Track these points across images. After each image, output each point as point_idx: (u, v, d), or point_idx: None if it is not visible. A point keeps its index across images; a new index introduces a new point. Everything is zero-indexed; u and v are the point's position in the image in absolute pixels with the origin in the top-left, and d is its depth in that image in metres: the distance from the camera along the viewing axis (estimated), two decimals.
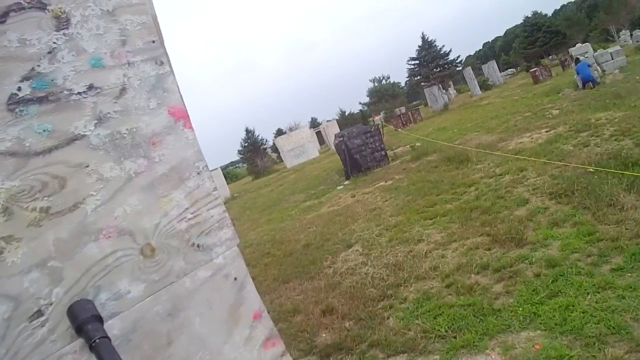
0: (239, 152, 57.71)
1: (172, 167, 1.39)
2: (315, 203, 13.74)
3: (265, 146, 57.22)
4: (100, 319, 1.13)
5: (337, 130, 41.16)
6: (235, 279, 1.50)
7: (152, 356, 1.27)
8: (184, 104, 1.48)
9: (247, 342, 1.49)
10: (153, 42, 1.43)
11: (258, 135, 56.65)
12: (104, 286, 1.21)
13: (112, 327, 1.20)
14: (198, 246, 1.41)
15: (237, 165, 77.28)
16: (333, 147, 23.83)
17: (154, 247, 1.31)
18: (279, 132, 62.19)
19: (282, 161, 44.37)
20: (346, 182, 15.47)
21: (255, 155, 49.17)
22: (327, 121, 54.13)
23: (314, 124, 70.08)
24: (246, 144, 55.04)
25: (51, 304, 1.12)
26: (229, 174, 57.04)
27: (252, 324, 1.51)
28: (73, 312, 1.12)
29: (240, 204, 22.37)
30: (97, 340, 1.06)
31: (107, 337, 1.08)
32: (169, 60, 1.48)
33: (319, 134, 53.39)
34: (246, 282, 1.53)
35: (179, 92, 1.47)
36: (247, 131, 55.70)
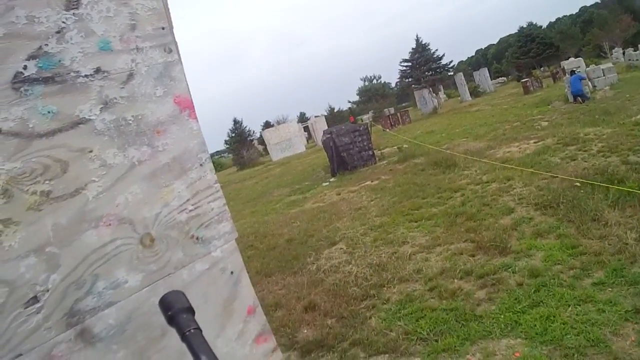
0: (226, 142, 57.40)
1: (175, 157, 1.37)
2: (300, 198, 13.71)
3: (252, 138, 56.94)
4: (192, 311, 1.14)
5: (325, 126, 41.13)
6: (232, 273, 1.48)
7: (145, 347, 1.25)
8: (190, 94, 1.45)
9: (240, 337, 1.48)
10: (163, 28, 1.40)
11: (246, 127, 56.33)
12: (102, 275, 1.18)
13: (108, 317, 1.18)
14: (197, 238, 1.39)
15: (222, 155, 76.77)
16: (320, 143, 23.78)
17: (154, 237, 1.29)
18: (267, 125, 61.99)
19: (268, 154, 44.24)
20: (332, 179, 15.46)
21: (242, 146, 48.87)
22: (316, 117, 54.08)
23: (302, 118, 70.00)
24: (233, 135, 54.74)
25: (47, 291, 1.10)
26: (214, 163, 56.26)
27: (245, 318, 1.49)
28: (166, 302, 1.14)
29: (224, 195, 22.09)
30: (191, 331, 1.06)
31: (199, 328, 1.08)
32: (177, 49, 1.45)
33: (306, 129, 53.34)
34: (242, 276, 1.52)
35: (186, 82, 1.45)
36: (235, 122, 55.39)
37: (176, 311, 1.12)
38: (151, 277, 1.28)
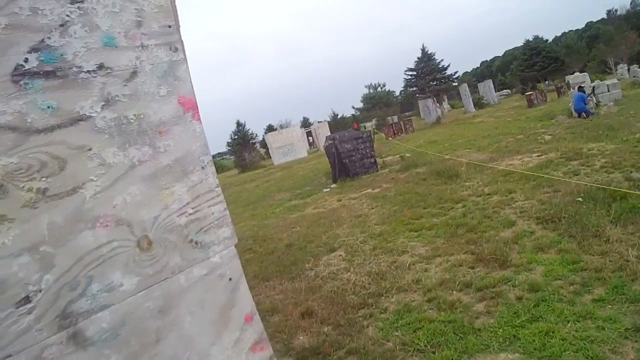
0: (228, 144, 57.43)
1: (177, 158, 1.34)
2: (301, 203, 13.65)
3: (254, 141, 56.97)
4: None
5: (328, 132, 41.16)
6: (230, 279, 1.45)
7: (139, 353, 1.22)
8: (194, 95, 1.42)
9: (236, 345, 1.44)
10: (169, 27, 1.37)
11: (248, 130, 56.43)
12: (96, 277, 1.15)
13: (101, 320, 1.15)
14: (196, 243, 1.36)
15: (224, 157, 76.70)
16: (322, 149, 23.76)
17: (151, 240, 1.26)
18: (270, 129, 61.92)
19: (270, 157, 44.23)
20: (333, 186, 15.41)
21: (244, 149, 48.83)
22: (319, 122, 54.12)
23: (306, 123, 69.99)
24: (236, 137, 54.78)
25: (40, 291, 1.06)
26: (216, 164, 56.48)
27: (242, 326, 1.46)
28: None
29: (225, 197, 22.18)
30: None
31: None
32: (183, 48, 1.42)
33: (309, 134, 53.37)
34: (240, 283, 1.48)
35: (191, 82, 1.42)
36: (238, 124, 55.48)
37: None
38: (147, 281, 1.24)
